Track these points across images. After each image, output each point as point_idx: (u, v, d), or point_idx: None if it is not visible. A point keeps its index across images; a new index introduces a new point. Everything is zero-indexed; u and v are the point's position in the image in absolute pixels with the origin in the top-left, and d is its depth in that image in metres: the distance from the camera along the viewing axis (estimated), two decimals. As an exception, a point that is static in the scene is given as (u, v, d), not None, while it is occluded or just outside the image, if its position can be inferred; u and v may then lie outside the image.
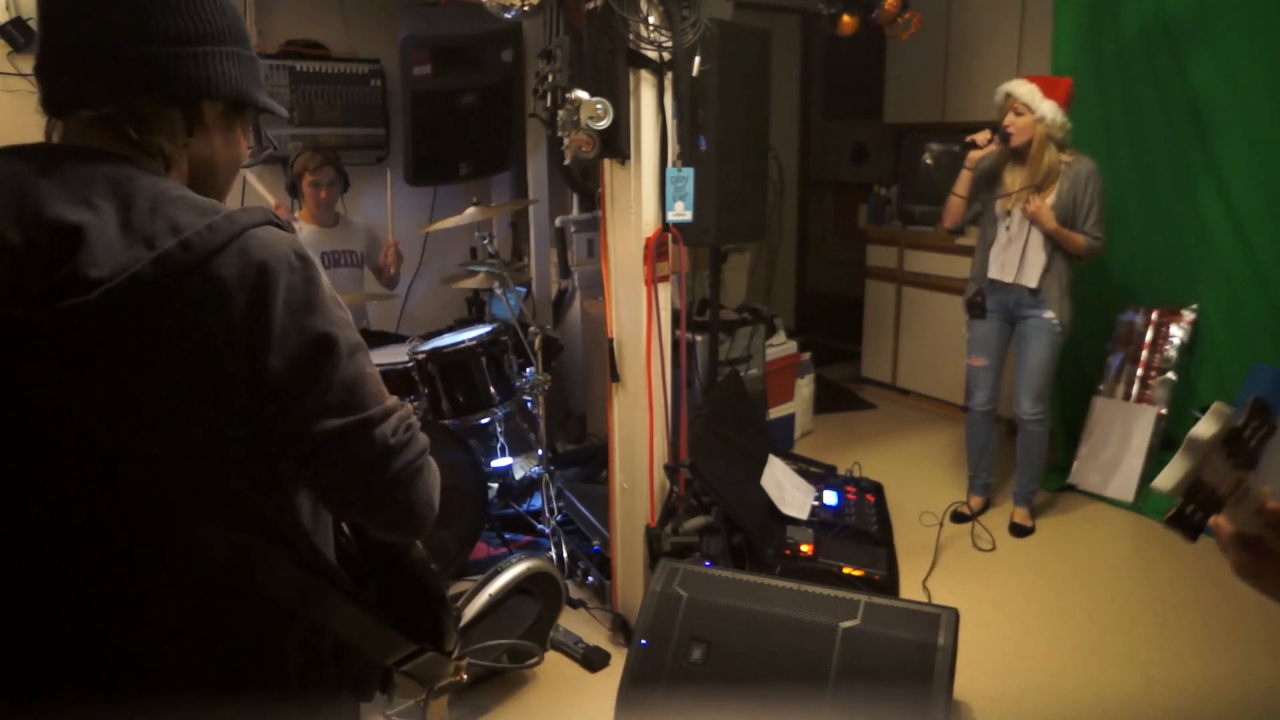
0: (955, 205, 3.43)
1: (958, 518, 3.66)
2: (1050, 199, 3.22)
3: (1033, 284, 3.29)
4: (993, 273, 3.39)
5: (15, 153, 0.91)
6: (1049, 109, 3.17)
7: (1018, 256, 3.29)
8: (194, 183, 0.99)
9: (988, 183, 3.39)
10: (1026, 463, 3.54)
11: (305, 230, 3.53)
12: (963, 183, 3.39)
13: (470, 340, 3.18)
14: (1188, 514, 0.78)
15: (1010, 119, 3.22)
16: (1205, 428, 0.77)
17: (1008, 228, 3.32)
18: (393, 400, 1.00)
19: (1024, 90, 3.21)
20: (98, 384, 0.85)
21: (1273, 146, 3.55)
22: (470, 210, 3.12)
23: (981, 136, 3.28)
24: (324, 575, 1.00)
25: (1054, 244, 3.25)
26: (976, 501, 3.71)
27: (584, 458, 4.05)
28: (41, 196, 0.86)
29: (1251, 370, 3.58)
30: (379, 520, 1.02)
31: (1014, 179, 3.31)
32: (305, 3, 4.05)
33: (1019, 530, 3.56)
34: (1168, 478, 0.79)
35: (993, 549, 3.44)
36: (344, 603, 1.01)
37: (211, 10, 0.96)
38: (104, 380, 0.85)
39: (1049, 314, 3.31)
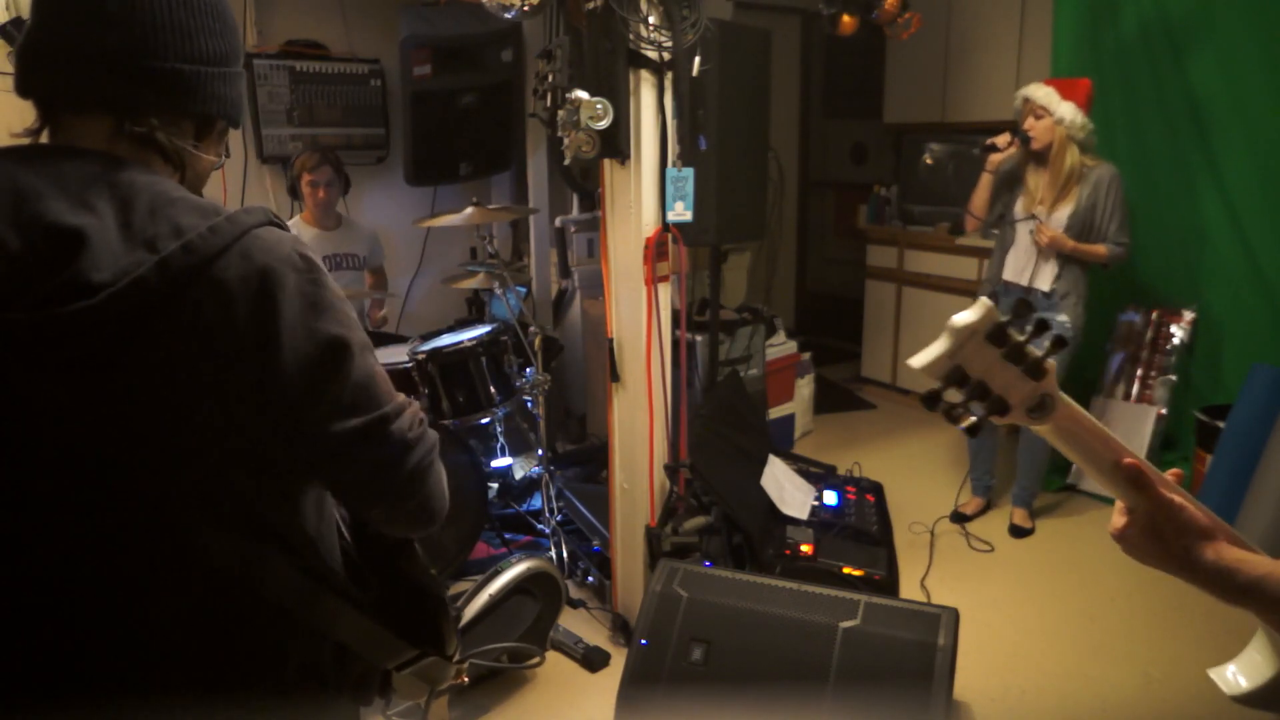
0: (977, 212, 3.41)
1: (957, 518, 3.66)
2: (1068, 208, 3.20)
3: (1045, 288, 3.27)
4: (1008, 274, 3.37)
5: (9, 154, 0.91)
6: (1068, 110, 3.15)
7: (1033, 260, 3.28)
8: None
9: (1008, 185, 3.37)
10: (1028, 464, 3.54)
11: (306, 234, 3.51)
12: (982, 189, 3.36)
13: (470, 340, 3.18)
14: (942, 398, 0.75)
15: (1030, 122, 3.21)
16: (963, 315, 0.74)
17: (1031, 231, 3.30)
18: (402, 397, 1.02)
19: (1041, 93, 3.19)
20: (101, 389, 0.84)
21: (1273, 146, 3.55)
22: (470, 210, 3.12)
23: (1002, 139, 3.26)
24: (326, 580, 1.00)
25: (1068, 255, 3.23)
26: (977, 502, 3.71)
27: (584, 458, 4.05)
28: (40, 199, 0.85)
29: (1251, 370, 3.58)
30: (396, 515, 1.03)
31: (1036, 182, 3.29)
32: (305, 3, 4.05)
33: (1018, 531, 3.56)
34: (920, 356, 0.76)
35: (991, 550, 3.44)
36: (346, 608, 1.01)
37: (234, 35, 1.01)
38: (107, 385, 0.85)
39: (1062, 318, 3.28)
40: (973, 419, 0.77)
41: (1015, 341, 0.75)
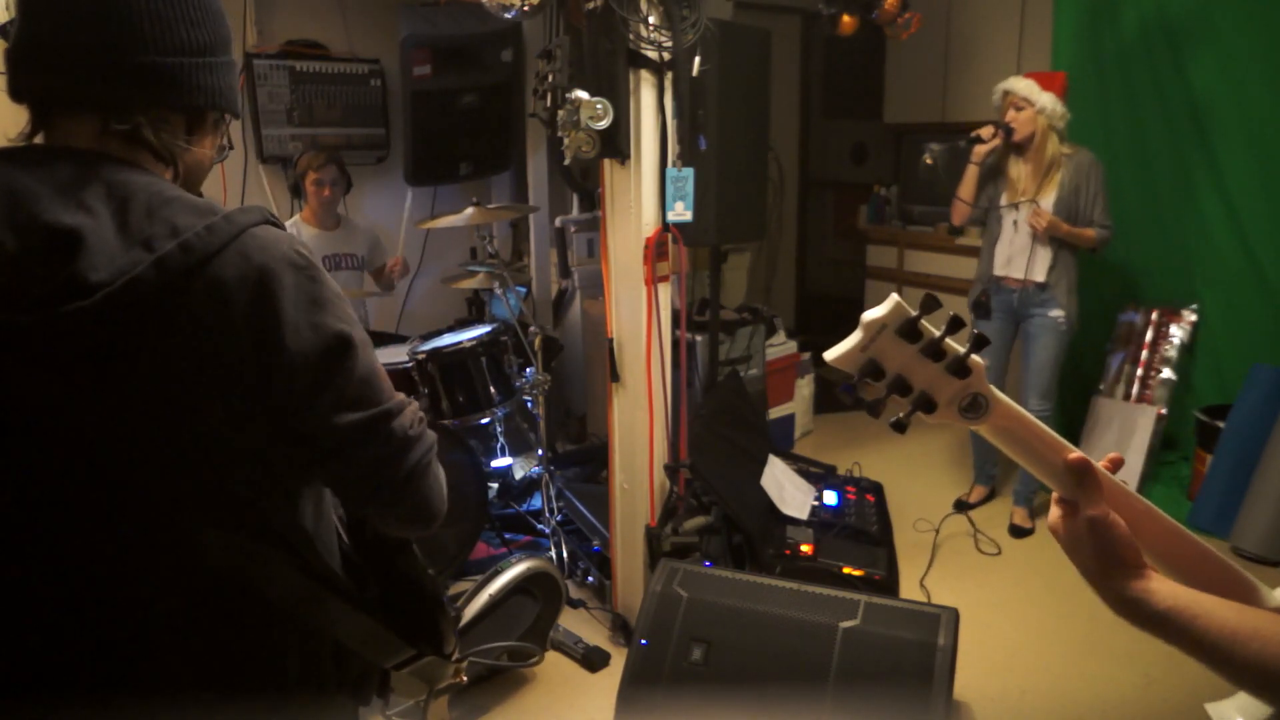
0: (960, 206, 3.44)
1: (960, 506, 3.68)
2: (1052, 194, 3.23)
3: (1041, 278, 3.29)
4: (998, 269, 3.39)
5: (3, 156, 0.90)
6: (1048, 100, 3.20)
7: (1025, 252, 3.30)
8: (183, 186, 1.00)
9: (991, 177, 3.39)
10: None
11: (306, 234, 3.51)
12: (969, 180, 3.39)
13: (470, 340, 3.18)
14: (856, 391, 0.77)
15: (1011, 114, 3.24)
16: (873, 311, 0.74)
17: (1015, 223, 3.33)
18: (402, 395, 1.02)
19: (1021, 85, 3.24)
20: (99, 388, 0.84)
21: (1273, 146, 3.55)
22: (470, 210, 3.12)
23: (986, 131, 3.30)
24: (325, 579, 1.00)
25: (1061, 240, 3.25)
26: (980, 491, 3.74)
27: (584, 458, 4.04)
28: (36, 200, 0.85)
29: (1251, 370, 3.58)
30: (396, 513, 1.03)
31: (1019, 172, 3.32)
32: (305, 3, 4.05)
33: (1018, 531, 3.55)
34: (833, 350, 0.77)
35: (998, 553, 3.44)
36: (345, 607, 1.01)
37: (219, 22, 0.99)
38: (105, 384, 0.85)
39: (1056, 312, 3.30)
40: (899, 415, 0.76)
41: (930, 337, 0.73)
